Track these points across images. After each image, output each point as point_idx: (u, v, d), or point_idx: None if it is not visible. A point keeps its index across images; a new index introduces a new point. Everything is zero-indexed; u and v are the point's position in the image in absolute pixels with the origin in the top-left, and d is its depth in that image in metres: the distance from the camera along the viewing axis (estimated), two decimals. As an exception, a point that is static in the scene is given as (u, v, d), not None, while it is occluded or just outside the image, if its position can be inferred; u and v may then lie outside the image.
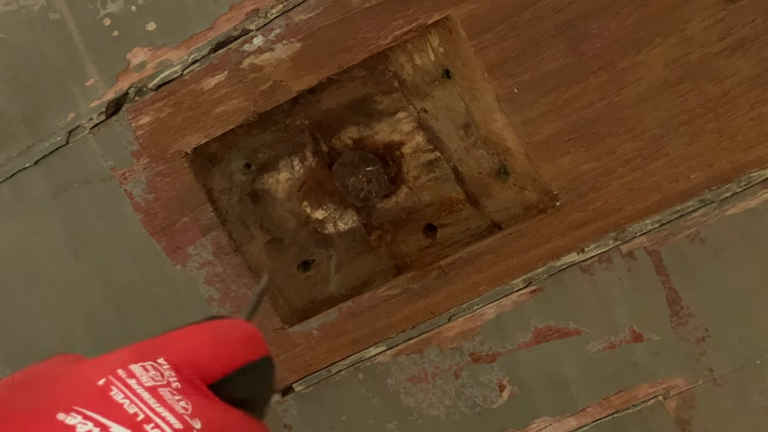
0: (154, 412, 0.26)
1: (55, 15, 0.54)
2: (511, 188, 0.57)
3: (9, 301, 0.60)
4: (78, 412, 0.25)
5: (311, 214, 0.60)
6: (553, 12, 0.50)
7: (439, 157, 0.59)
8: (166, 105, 0.54)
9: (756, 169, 0.51)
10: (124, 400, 0.26)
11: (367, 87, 0.58)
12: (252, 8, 0.52)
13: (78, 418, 0.25)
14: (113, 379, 0.27)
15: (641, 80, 0.50)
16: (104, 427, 0.25)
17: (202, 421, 0.27)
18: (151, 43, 0.54)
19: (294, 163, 0.60)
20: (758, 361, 0.55)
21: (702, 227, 0.53)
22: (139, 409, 0.26)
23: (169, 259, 0.57)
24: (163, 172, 0.55)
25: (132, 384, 0.27)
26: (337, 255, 0.61)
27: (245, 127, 0.56)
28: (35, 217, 0.58)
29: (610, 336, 0.56)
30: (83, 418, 0.25)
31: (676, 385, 0.56)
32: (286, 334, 0.58)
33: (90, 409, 0.25)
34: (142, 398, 0.26)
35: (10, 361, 0.62)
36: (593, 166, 0.52)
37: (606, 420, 0.58)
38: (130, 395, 0.26)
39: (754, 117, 0.50)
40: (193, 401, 0.27)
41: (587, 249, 0.54)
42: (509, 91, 0.51)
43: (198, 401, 0.28)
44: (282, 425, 0.61)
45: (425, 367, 0.59)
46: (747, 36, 0.49)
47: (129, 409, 0.26)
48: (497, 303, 0.56)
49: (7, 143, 0.57)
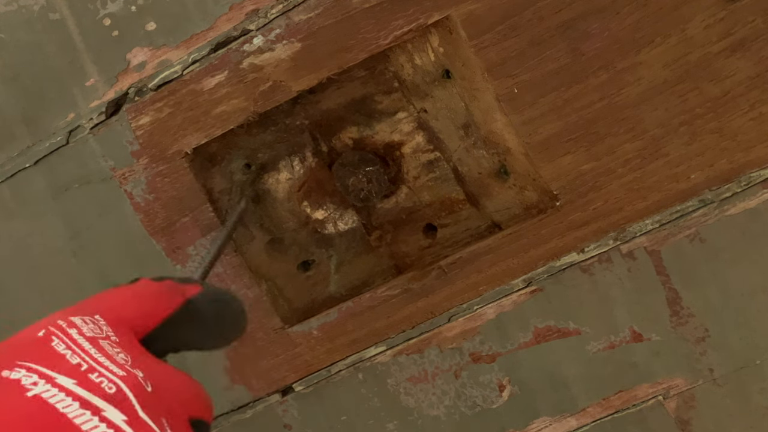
0: (96, 362, 0.26)
1: (55, 15, 0.54)
2: (511, 188, 0.57)
3: (9, 301, 0.60)
4: (21, 366, 0.25)
5: (311, 214, 0.60)
6: (553, 12, 0.50)
7: (439, 157, 0.59)
8: (166, 105, 0.54)
9: (756, 169, 0.51)
10: (66, 350, 0.26)
11: (367, 87, 0.58)
12: (252, 8, 0.52)
13: (22, 372, 0.25)
14: (54, 329, 0.27)
15: (641, 80, 0.50)
16: (49, 378, 0.25)
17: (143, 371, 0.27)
18: (151, 43, 0.54)
19: (294, 163, 0.60)
20: (758, 361, 0.55)
21: (702, 227, 0.53)
22: (81, 359, 0.26)
23: (169, 259, 0.57)
24: (163, 172, 0.55)
25: (73, 334, 0.27)
26: (337, 255, 0.61)
27: (245, 127, 0.56)
28: (35, 217, 0.58)
29: (610, 336, 0.56)
30: (27, 371, 0.25)
31: (676, 385, 0.56)
32: (286, 334, 0.58)
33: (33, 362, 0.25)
34: (84, 348, 0.26)
35: (10, 361, 0.62)
36: (593, 166, 0.52)
37: (606, 420, 0.58)
38: (72, 345, 0.26)
39: (754, 117, 0.50)
40: (131, 353, 0.28)
41: (587, 249, 0.54)
42: (509, 91, 0.51)
43: (135, 353, 0.28)
44: (282, 425, 0.61)
45: (425, 367, 0.59)
46: (747, 36, 0.49)
47: (72, 359, 0.26)
48: (497, 303, 0.56)
49: (7, 143, 0.57)
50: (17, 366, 0.25)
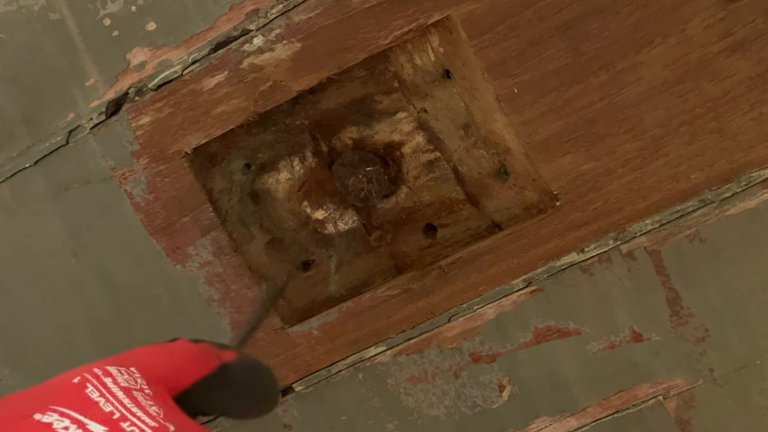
0: (129, 411, 0.26)
1: (55, 15, 0.54)
2: (511, 188, 0.57)
3: (9, 301, 0.60)
4: (54, 410, 0.25)
5: (311, 214, 0.60)
6: (553, 12, 0.50)
7: (439, 157, 0.59)
8: (166, 105, 0.54)
9: (756, 169, 0.51)
10: (100, 398, 0.26)
11: (367, 87, 0.58)
12: (252, 8, 0.52)
13: (54, 416, 0.25)
14: (88, 377, 0.27)
15: (641, 80, 0.50)
16: (81, 424, 0.25)
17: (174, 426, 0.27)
18: (151, 43, 0.54)
19: (294, 163, 0.60)
20: (758, 361, 0.55)
21: (702, 227, 0.53)
22: (114, 407, 0.26)
23: (169, 259, 0.57)
24: (163, 172, 0.55)
25: (108, 383, 0.27)
26: (337, 255, 0.61)
27: (245, 127, 0.56)
28: (35, 217, 0.58)
29: (610, 336, 0.56)
30: (60, 415, 0.25)
31: (676, 385, 0.56)
32: (286, 334, 0.58)
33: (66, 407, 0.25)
34: (117, 398, 0.27)
35: (10, 361, 0.62)
36: (593, 166, 0.52)
37: (606, 420, 0.58)
38: (106, 393, 0.27)
39: (754, 117, 0.50)
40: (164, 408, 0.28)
41: (587, 249, 0.54)
42: (509, 91, 0.51)
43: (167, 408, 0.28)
44: (282, 425, 0.61)
45: (425, 367, 0.59)
46: (747, 36, 0.49)
47: (105, 407, 0.26)
48: (497, 303, 0.56)
49: (7, 143, 0.57)
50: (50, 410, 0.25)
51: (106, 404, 0.26)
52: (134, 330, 0.59)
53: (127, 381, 0.28)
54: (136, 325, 0.59)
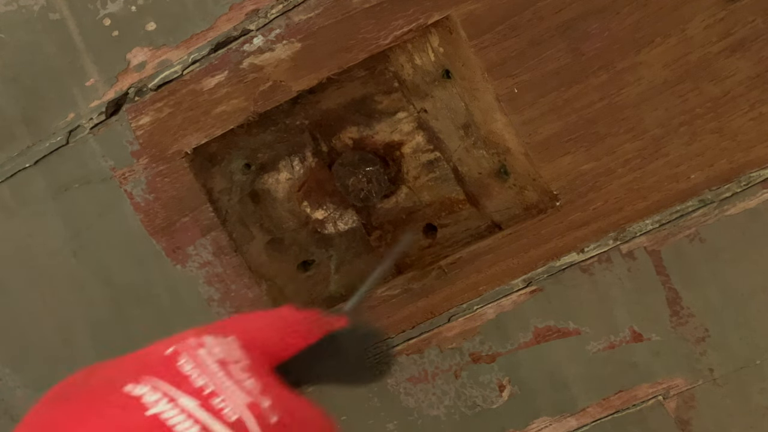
0: (222, 386, 0.25)
1: (55, 15, 0.54)
2: (511, 188, 0.57)
3: (9, 301, 0.60)
4: (145, 382, 0.24)
5: (311, 214, 0.60)
6: (553, 12, 0.50)
7: (439, 157, 0.59)
8: (166, 105, 0.54)
9: (756, 169, 0.51)
10: (193, 371, 0.25)
11: (367, 87, 0.58)
12: (252, 8, 0.52)
13: (145, 389, 0.24)
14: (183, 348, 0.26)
15: (641, 80, 0.50)
16: (171, 398, 0.24)
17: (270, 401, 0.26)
18: (151, 43, 0.54)
19: (294, 163, 0.60)
20: (758, 361, 0.55)
21: (702, 227, 0.53)
22: (207, 381, 0.25)
23: (169, 259, 0.57)
24: (163, 172, 0.55)
25: (202, 354, 0.26)
26: (337, 255, 0.61)
27: (245, 127, 0.56)
28: (35, 217, 0.58)
29: (610, 336, 0.56)
30: (151, 388, 0.24)
31: (676, 385, 0.56)
32: (286, 334, 0.58)
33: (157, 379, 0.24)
34: (211, 371, 0.25)
35: (10, 361, 0.62)
36: (593, 166, 0.52)
37: (606, 420, 0.58)
38: (199, 366, 0.25)
39: (754, 117, 0.50)
40: (261, 381, 0.27)
41: (587, 249, 0.54)
42: (509, 91, 0.51)
43: (266, 381, 0.27)
44: (282, 425, 0.61)
45: (425, 367, 0.59)
46: (747, 36, 0.49)
47: (197, 381, 0.25)
48: (497, 303, 0.56)
49: (7, 143, 0.57)
50: (141, 382, 0.24)
51: (199, 378, 0.25)
52: (134, 330, 0.59)
53: (223, 352, 0.27)
54: (136, 325, 0.59)
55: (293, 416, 0.26)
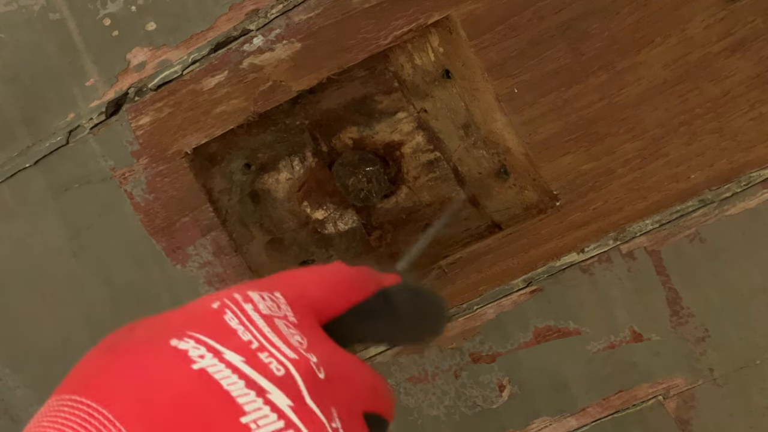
0: (268, 341, 0.24)
1: (55, 15, 0.54)
2: (511, 188, 0.57)
3: (9, 301, 0.60)
4: (191, 337, 0.24)
5: (311, 214, 0.60)
6: (553, 12, 0.50)
7: (439, 157, 0.59)
8: (166, 105, 0.54)
9: (756, 169, 0.51)
10: (239, 326, 0.25)
11: (367, 87, 0.58)
12: (252, 8, 0.52)
13: (191, 343, 0.23)
14: (228, 302, 0.25)
15: (641, 80, 0.50)
16: (217, 352, 0.23)
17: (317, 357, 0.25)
18: (151, 43, 0.54)
19: (294, 163, 0.60)
20: (758, 361, 0.55)
21: (702, 227, 0.53)
22: (253, 336, 0.24)
23: (169, 259, 0.57)
24: (163, 172, 0.55)
25: (248, 309, 0.25)
26: (337, 255, 0.61)
27: (245, 127, 0.56)
28: (35, 217, 0.58)
29: (610, 336, 0.56)
30: (196, 342, 0.23)
31: (676, 385, 0.56)
32: (286, 334, 0.58)
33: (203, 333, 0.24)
34: (257, 325, 0.25)
35: (10, 361, 0.62)
36: (593, 166, 0.52)
37: (606, 420, 0.58)
38: (245, 321, 0.25)
39: (754, 117, 0.50)
40: (308, 337, 0.26)
41: (587, 249, 0.54)
42: (509, 91, 0.51)
43: (313, 337, 0.26)
44: (282, 425, 0.61)
45: (425, 367, 0.59)
46: (747, 36, 0.49)
47: (243, 336, 0.24)
48: (497, 303, 0.56)
49: (7, 143, 0.57)
50: (186, 336, 0.24)
51: (245, 333, 0.24)
52: (134, 330, 0.59)
53: (270, 308, 0.26)
54: (136, 325, 0.59)
55: (341, 372, 0.26)
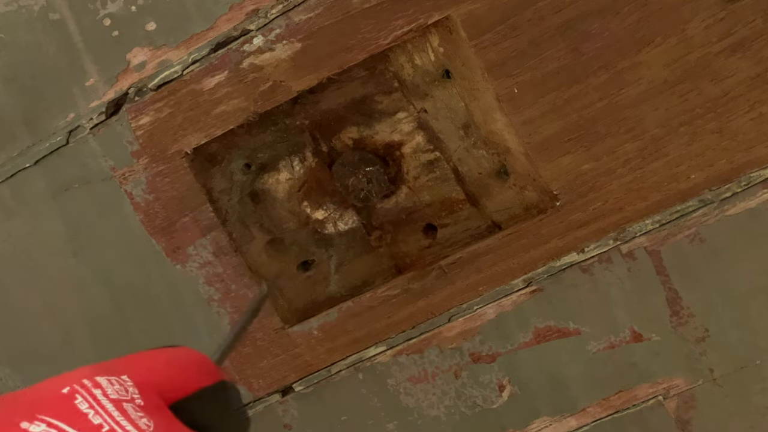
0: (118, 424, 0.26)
1: (55, 15, 0.54)
2: (511, 188, 0.57)
3: (9, 301, 0.60)
4: (42, 420, 0.25)
5: (311, 214, 0.60)
6: (553, 12, 0.50)
7: (439, 157, 0.59)
8: (166, 105, 0.54)
9: (756, 169, 0.51)
10: (89, 410, 0.26)
11: (367, 87, 0.58)
12: (252, 8, 0.52)
13: (42, 426, 0.25)
14: (78, 388, 0.27)
15: (641, 80, 0.50)
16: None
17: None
18: (151, 43, 0.54)
19: (294, 163, 0.60)
20: (758, 361, 0.55)
21: (702, 227, 0.53)
22: (103, 420, 0.26)
23: (169, 259, 0.57)
24: (163, 172, 0.55)
25: (97, 394, 0.27)
26: (337, 255, 0.61)
27: (245, 127, 0.56)
28: (35, 217, 0.58)
29: (610, 336, 0.56)
30: (47, 426, 0.25)
31: (676, 385, 0.56)
32: (286, 334, 0.58)
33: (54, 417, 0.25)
34: (107, 410, 0.26)
35: (10, 361, 0.62)
36: (593, 166, 0.52)
37: (606, 420, 0.58)
38: (95, 405, 0.26)
39: (754, 117, 0.50)
40: (155, 419, 0.28)
41: (587, 249, 0.54)
42: (509, 91, 0.51)
43: (160, 420, 0.28)
44: (282, 425, 0.61)
45: (425, 367, 0.59)
46: (747, 36, 0.49)
47: (93, 419, 0.26)
48: (497, 303, 0.56)
49: (7, 143, 0.57)
50: (37, 419, 0.25)
51: (95, 416, 0.26)
52: (134, 330, 0.59)
53: (118, 392, 0.28)
54: (136, 325, 0.59)
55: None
